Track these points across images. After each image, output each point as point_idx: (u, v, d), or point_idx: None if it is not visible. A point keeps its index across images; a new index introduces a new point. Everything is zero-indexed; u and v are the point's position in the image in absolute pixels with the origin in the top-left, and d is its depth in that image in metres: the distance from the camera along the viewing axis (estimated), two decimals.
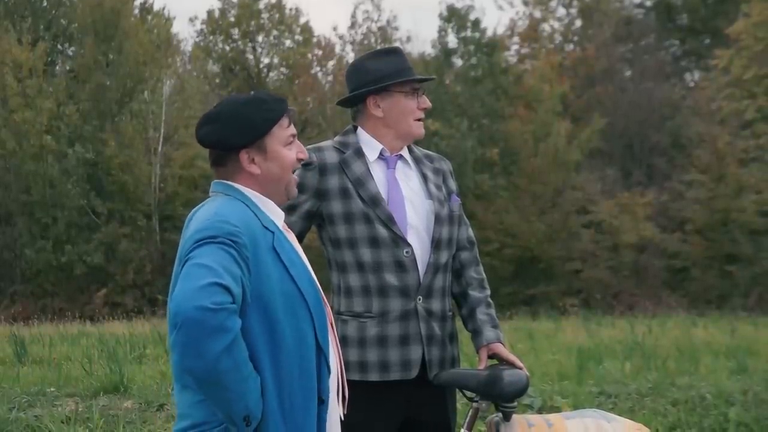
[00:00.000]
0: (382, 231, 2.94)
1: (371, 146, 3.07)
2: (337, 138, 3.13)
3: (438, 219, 3.03)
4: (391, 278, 2.93)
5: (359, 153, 3.04)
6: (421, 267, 2.97)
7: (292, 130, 2.45)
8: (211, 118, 2.39)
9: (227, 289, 2.07)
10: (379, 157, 3.06)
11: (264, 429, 2.21)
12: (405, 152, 3.13)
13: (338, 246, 2.98)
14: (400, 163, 3.09)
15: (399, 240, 2.94)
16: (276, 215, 2.42)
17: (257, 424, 2.19)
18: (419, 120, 3.09)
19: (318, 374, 2.34)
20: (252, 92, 2.49)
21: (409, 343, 2.95)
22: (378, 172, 3.04)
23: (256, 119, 2.37)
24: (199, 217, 2.27)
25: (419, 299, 2.96)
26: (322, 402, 2.35)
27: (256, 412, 2.17)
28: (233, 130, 2.35)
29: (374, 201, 2.96)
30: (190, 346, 2.04)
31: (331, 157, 3.02)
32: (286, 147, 2.43)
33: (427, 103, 3.10)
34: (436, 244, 3.00)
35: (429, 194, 3.06)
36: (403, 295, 2.94)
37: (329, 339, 2.41)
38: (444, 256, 3.04)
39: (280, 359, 2.24)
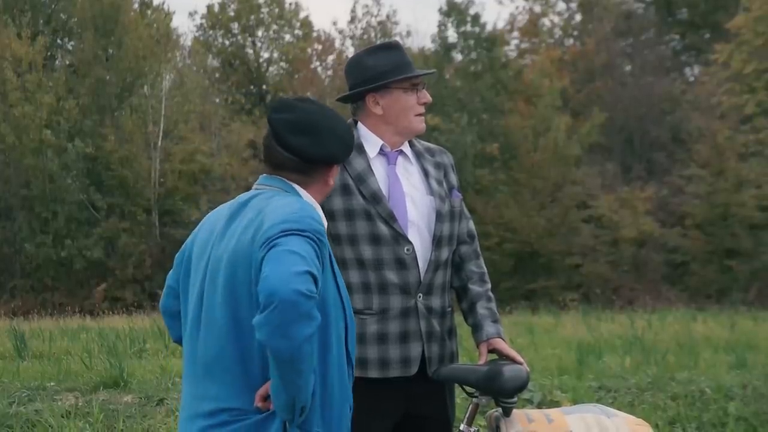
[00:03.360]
0: (382, 228, 2.93)
1: (371, 142, 3.05)
2: None
3: (439, 216, 3.01)
4: (391, 275, 2.92)
5: (360, 149, 3.03)
6: (422, 264, 2.96)
7: None
8: (309, 129, 2.41)
9: (316, 280, 2.14)
10: (379, 153, 3.05)
11: (307, 425, 2.27)
12: (406, 147, 3.11)
13: (338, 242, 2.97)
14: (400, 159, 3.08)
15: (400, 237, 2.94)
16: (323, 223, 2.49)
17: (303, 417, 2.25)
18: (420, 115, 3.07)
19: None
20: (321, 104, 2.54)
21: (409, 341, 2.95)
22: (379, 168, 3.02)
23: (351, 141, 2.49)
24: (284, 208, 2.29)
25: (419, 296, 2.96)
26: (350, 408, 2.42)
27: (308, 405, 2.23)
28: (339, 148, 2.45)
29: (375, 198, 2.95)
30: (282, 327, 2.08)
31: None
32: None
33: (427, 97, 3.08)
34: (437, 242, 3.00)
35: (430, 190, 3.05)
36: (403, 292, 2.94)
37: None
38: (445, 253, 3.03)
39: (327, 362, 2.30)
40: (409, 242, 2.94)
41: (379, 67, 3.01)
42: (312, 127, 2.40)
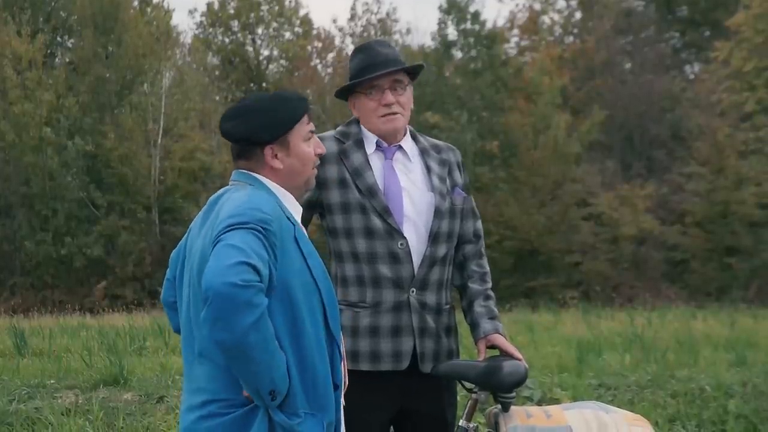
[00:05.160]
0: (377, 222, 2.94)
1: (369, 138, 3.08)
2: (339, 128, 3.14)
3: (438, 212, 3.02)
4: (384, 269, 2.94)
5: (359, 144, 3.05)
6: (416, 259, 2.97)
7: (312, 126, 2.56)
8: (236, 112, 2.50)
9: (255, 268, 2.18)
10: (377, 149, 3.06)
11: (291, 408, 2.31)
12: (408, 143, 3.12)
13: (335, 235, 3.00)
14: (398, 154, 3.08)
15: (394, 231, 2.94)
16: (295, 210, 2.52)
17: (282, 399, 2.28)
18: (386, 115, 3.02)
19: (331, 361, 2.43)
20: (275, 91, 2.61)
21: (400, 335, 2.96)
22: (376, 162, 3.04)
23: (281, 116, 2.48)
24: (232, 203, 2.35)
25: (413, 291, 2.96)
26: (337, 388, 2.45)
27: (282, 388, 2.27)
28: (259, 126, 2.47)
29: (371, 192, 2.96)
30: (219, 320, 2.13)
31: (331, 147, 3.01)
32: (306, 143, 2.54)
33: (388, 98, 3.00)
34: (433, 238, 3.00)
35: (431, 186, 3.05)
36: (396, 286, 2.95)
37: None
38: (442, 250, 3.03)
39: (302, 344, 2.34)
40: (403, 237, 2.95)
41: (352, 70, 3.06)
42: (241, 109, 2.49)
